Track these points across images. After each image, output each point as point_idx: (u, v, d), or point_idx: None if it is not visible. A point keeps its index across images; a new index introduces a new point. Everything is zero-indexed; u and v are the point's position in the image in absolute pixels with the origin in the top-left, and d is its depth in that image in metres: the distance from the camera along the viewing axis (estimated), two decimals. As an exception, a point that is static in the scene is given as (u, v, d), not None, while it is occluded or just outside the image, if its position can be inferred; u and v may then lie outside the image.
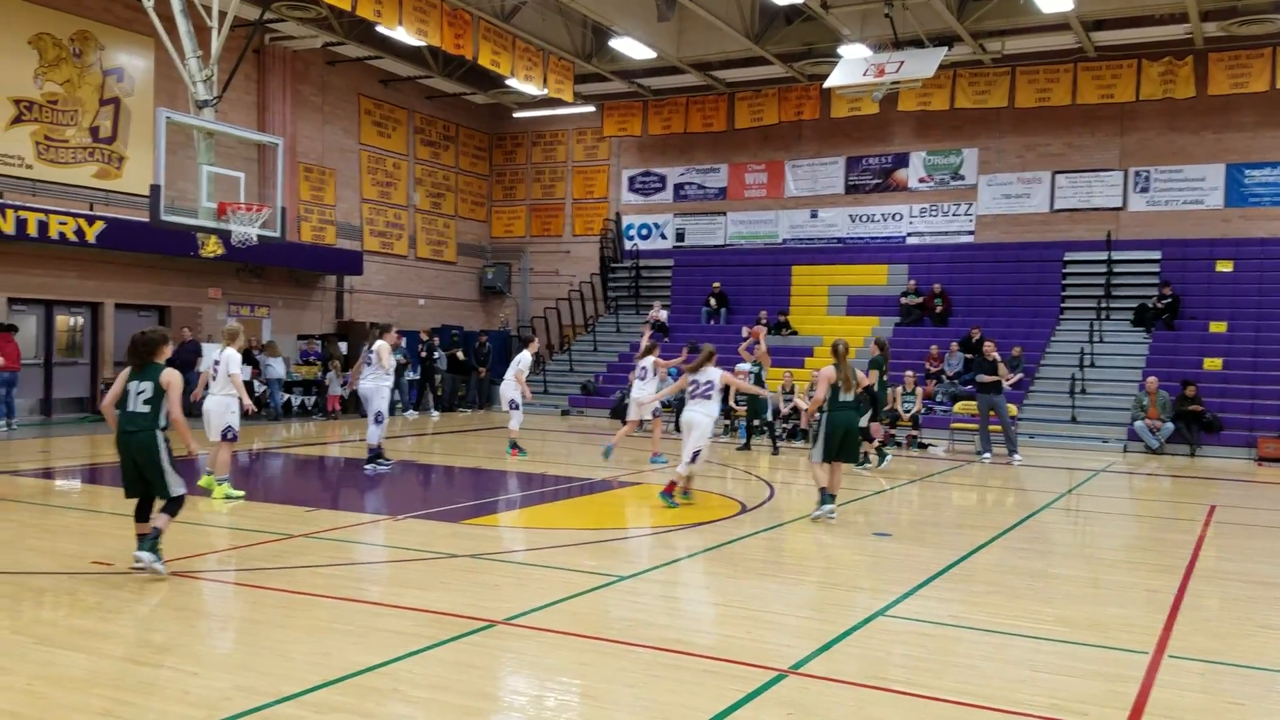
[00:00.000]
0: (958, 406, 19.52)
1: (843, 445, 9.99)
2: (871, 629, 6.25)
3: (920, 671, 5.45)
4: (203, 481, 10.53)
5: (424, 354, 23.27)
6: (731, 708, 4.75)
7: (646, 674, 5.23)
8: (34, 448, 14.98)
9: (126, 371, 7.25)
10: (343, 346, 23.21)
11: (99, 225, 18.37)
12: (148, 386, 7.04)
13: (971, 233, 25.02)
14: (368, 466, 12.77)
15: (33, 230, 17.46)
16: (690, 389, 10.75)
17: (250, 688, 4.84)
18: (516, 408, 14.82)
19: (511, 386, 14.79)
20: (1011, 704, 4.97)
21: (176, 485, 7.08)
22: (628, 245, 28.65)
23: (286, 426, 19.52)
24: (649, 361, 14.91)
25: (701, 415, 10.54)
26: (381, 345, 12.63)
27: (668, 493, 10.49)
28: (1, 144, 18.07)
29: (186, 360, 20.29)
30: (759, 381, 16.53)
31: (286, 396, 21.34)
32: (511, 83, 23.06)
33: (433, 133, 28.23)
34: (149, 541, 6.95)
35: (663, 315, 26.04)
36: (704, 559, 8.25)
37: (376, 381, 12.66)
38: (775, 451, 16.85)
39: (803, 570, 8.07)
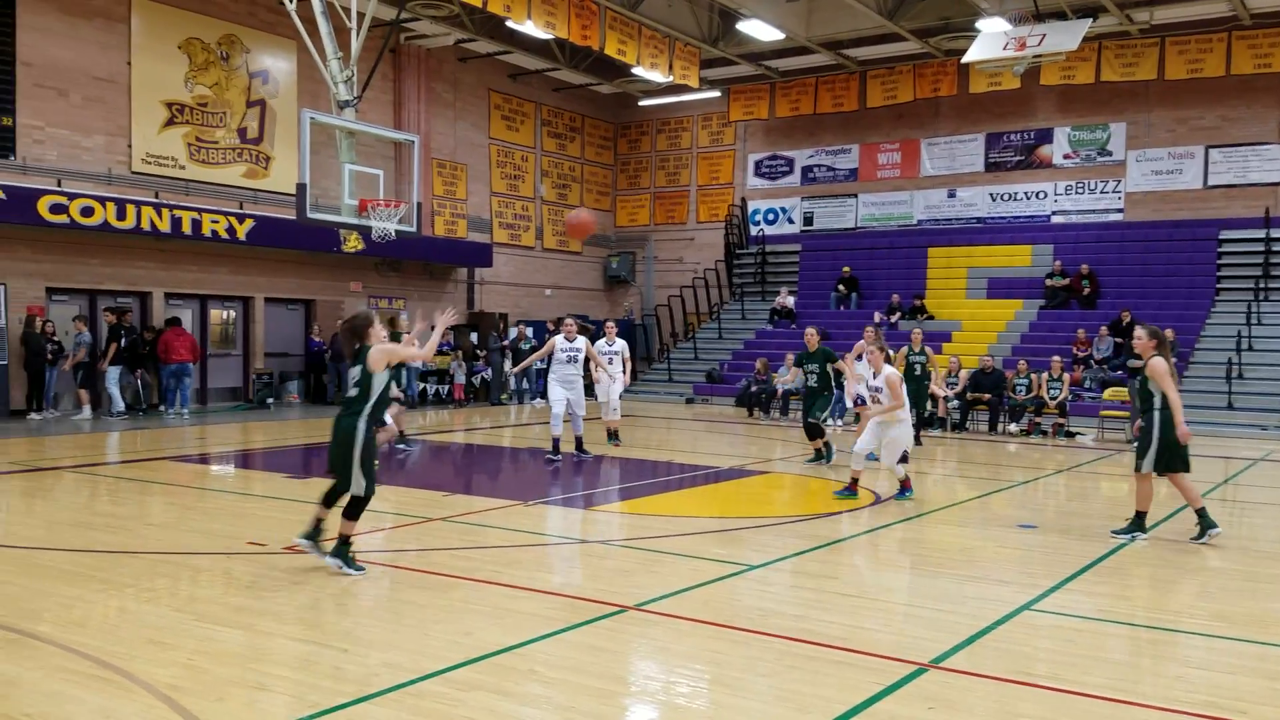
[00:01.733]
0: (1107, 393, 18.69)
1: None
2: (1016, 623, 6.03)
3: (1067, 667, 5.24)
4: None
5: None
6: (870, 700, 4.65)
7: (780, 664, 5.17)
8: (191, 435, 15.83)
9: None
10: (473, 337, 23.81)
11: (248, 223, 19.28)
12: (357, 371, 6.88)
13: (1120, 211, 23.92)
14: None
15: (187, 229, 18.44)
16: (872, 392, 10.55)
17: (396, 665, 4.99)
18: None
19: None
20: (1165, 701, 4.73)
21: (359, 483, 6.75)
22: (753, 231, 28.43)
23: (421, 414, 20.10)
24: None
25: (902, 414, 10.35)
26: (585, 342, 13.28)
27: (851, 489, 10.17)
28: (156, 146, 19.13)
29: (338, 351, 21.15)
30: (924, 373, 15.38)
31: (421, 385, 21.99)
32: (637, 71, 23.14)
33: (559, 124, 28.58)
34: (338, 548, 6.74)
35: (789, 301, 25.78)
36: (836, 549, 8.11)
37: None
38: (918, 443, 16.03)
39: (942, 562, 7.85)
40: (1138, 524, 8.55)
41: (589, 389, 14.80)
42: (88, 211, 17.07)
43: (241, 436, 15.87)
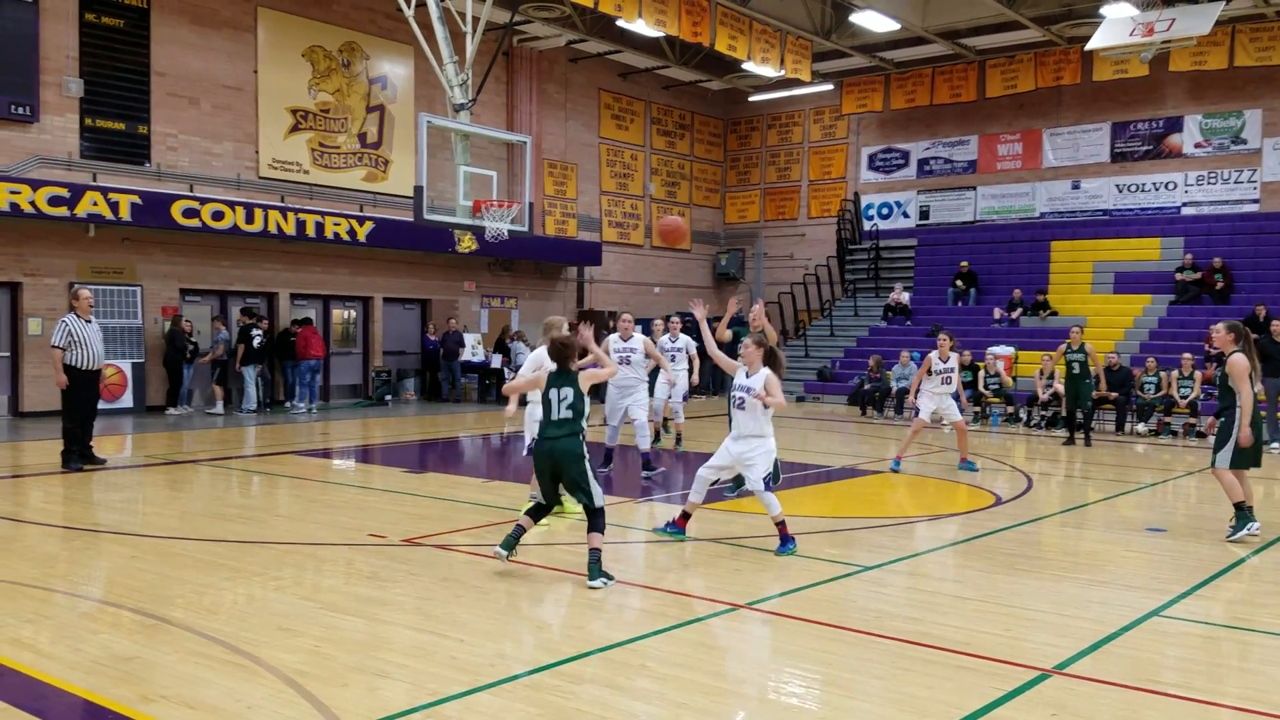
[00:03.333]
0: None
1: None
2: (1144, 629, 5.79)
3: (1198, 675, 5.01)
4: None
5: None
6: (990, 705, 4.52)
7: (895, 666, 5.07)
8: (316, 430, 16.40)
9: (544, 371, 6.97)
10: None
11: (368, 225, 19.87)
12: (570, 393, 6.65)
13: (1256, 201, 22.74)
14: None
15: (310, 231, 19.11)
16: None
17: (511, 656, 5.08)
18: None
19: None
20: (1312, 719, 4.47)
21: (599, 495, 6.66)
22: (866, 225, 27.96)
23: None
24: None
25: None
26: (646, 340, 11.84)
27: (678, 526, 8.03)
28: (281, 151, 19.87)
29: (451, 350, 21.68)
30: (1083, 371, 14.99)
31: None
32: (748, 66, 23.00)
33: (669, 122, 28.62)
34: (593, 568, 6.43)
35: (904, 298, 25.27)
36: (953, 552, 7.92)
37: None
38: (1078, 442, 15.40)
39: (1066, 566, 7.59)
40: (1244, 516, 8.24)
41: (653, 389, 12.88)
42: (218, 215, 17.84)
43: (362, 432, 16.37)
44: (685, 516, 7.97)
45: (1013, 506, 9.88)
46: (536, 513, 6.95)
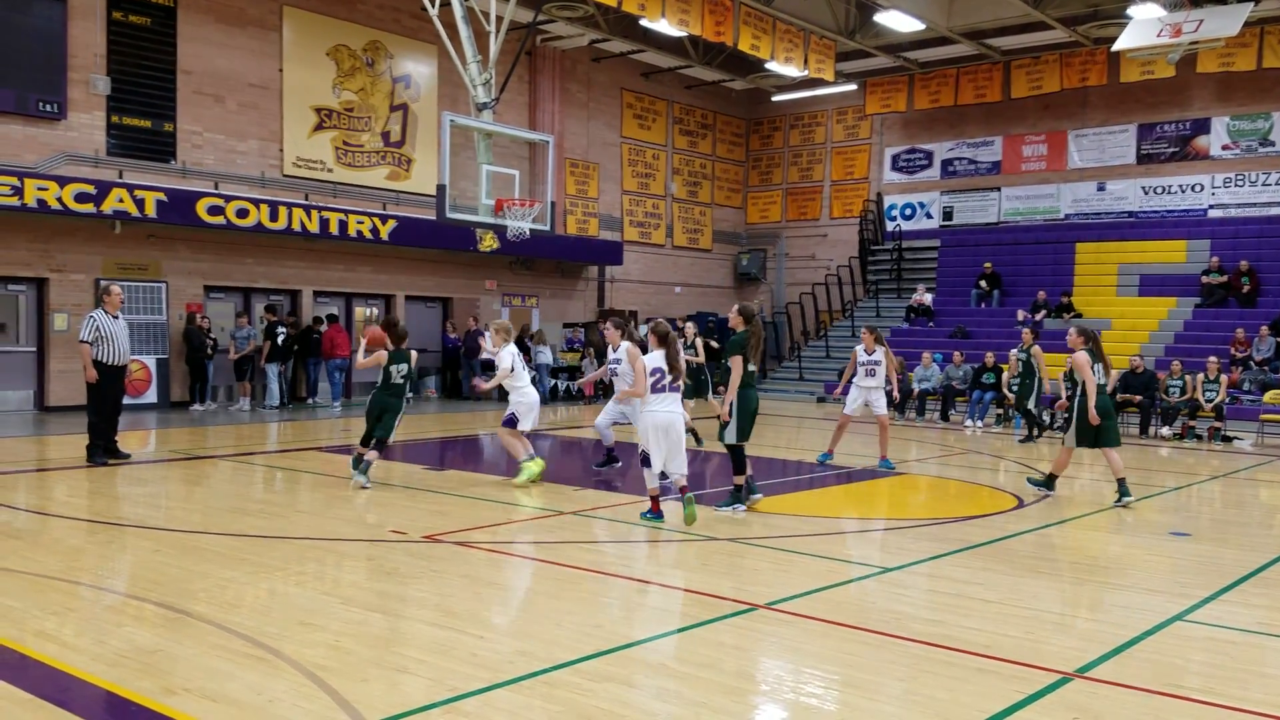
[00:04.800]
0: (1268, 396, 17.62)
1: None
2: (1167, 634, 5.74)
3: (1223, 681, 4.96)
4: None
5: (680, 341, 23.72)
6: (1011, 708, 4.49)
7: (915, 668, 5.05)
8: (337, 426, 16.48)
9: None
10: (603, 334, 24.05)
11: (391, 224, 19.96)
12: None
13: (1284, 204, 22.48)
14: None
15: (334, 229, 19.21)
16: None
17: (530, 653, 5.09)
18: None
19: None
20: (1339, 727, 4.42)
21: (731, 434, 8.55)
22: (889, 226, 27.85)
23: (553, 410, 20.42)
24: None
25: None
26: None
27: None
28: (306, 150, 19.99)
29: (472, 348, 21.75)
30: (1028, 370, 15.87)
31: (554, 382, 22.34)
32: (771, 66, 22.95)
33: (691, 122, 28.61)
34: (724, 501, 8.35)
35: (927, 299, 25.16)
36: (975, 554, 7.87)
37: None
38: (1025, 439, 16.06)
39: (1088, 570, 7.53)
40: (1049, 482, 10.40)
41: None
42: (243, 213, 17.97)
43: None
44: (655, 500, 8.63)
45: (1035, 509, 9.81)
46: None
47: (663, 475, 8.63)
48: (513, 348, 10.95)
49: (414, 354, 10.97)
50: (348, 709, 4.31)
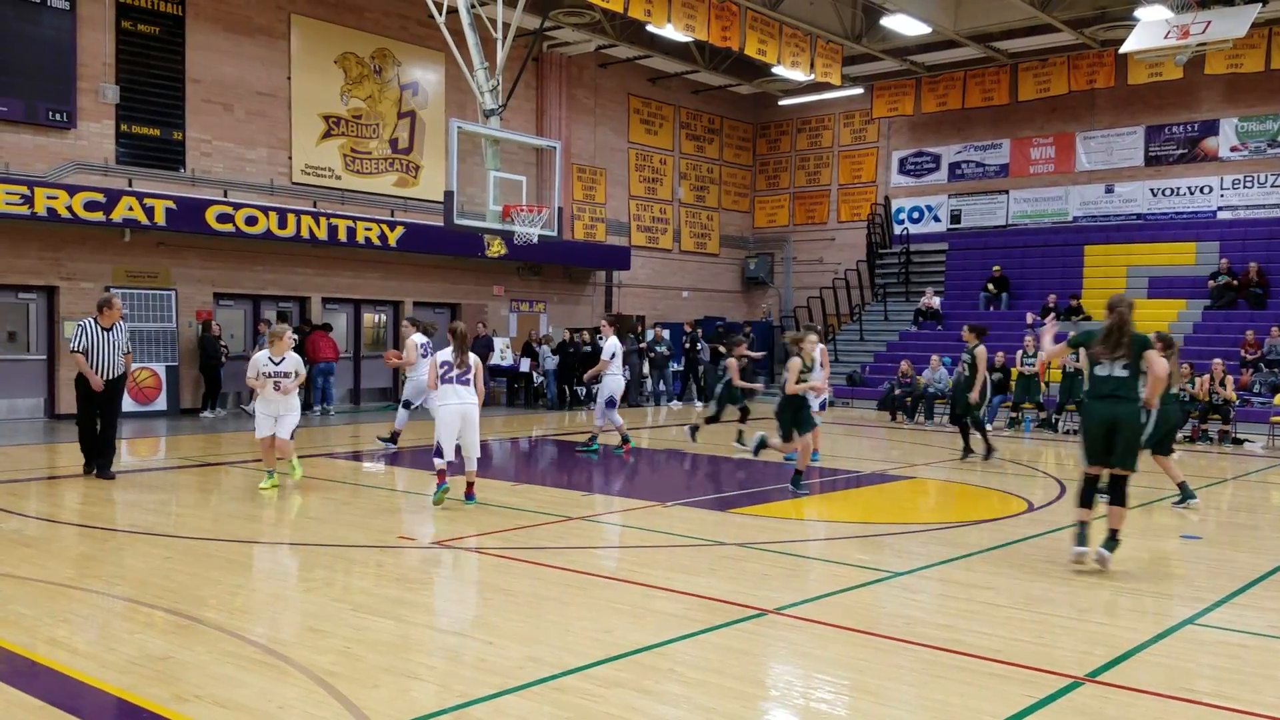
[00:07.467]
0: (1278, 398, 17.53)
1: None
2: (1178, 638, 5.72)
3: (1234, 685, 4.94)
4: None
5: (687, 345, 23.72)
6: (1022, 713, 4.48)
7: (926, 673, 5.04)
8: (345, 433, 16.52)
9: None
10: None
11: (399, 230, 20.01)
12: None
13: (1293, 205, 22.39)
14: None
15: (342, 236, 19.26)
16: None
17: (539, 659, 5.09)
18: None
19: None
20: (1353, 731, 4.39)
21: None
22: (897, 229, 27.81)
23: (560, 415, 20.42)
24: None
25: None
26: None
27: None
28: (314, 157, 20.06)
29: (480, 353, 21.72)
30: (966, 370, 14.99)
31: (561, 386, 22.35)
32: (778, 71, 22.96)
33: (698, 127, 28.62)
34: (1108, 543, 7.33)
35: (935, 302, 25.11)
36: (985, 558, 7.85)
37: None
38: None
39: (1099, 573, 7.50)
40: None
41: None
42: (252, 221, 18.03)
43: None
44: (441, 474, 9.24)
45: (1046, 513, 9.78)
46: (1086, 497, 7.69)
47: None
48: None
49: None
50: (358, 715, 4.32)
